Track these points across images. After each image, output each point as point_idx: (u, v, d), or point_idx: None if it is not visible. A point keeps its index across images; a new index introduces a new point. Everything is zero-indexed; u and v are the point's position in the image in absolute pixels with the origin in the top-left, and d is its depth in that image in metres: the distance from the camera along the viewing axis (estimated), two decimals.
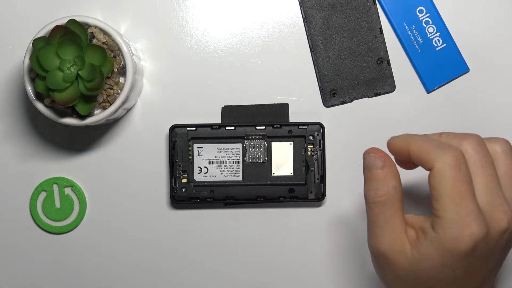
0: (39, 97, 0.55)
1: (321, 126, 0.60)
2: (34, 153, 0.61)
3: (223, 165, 0.60)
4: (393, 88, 0.61)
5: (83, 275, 0.62)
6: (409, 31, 0.61)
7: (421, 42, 0.61)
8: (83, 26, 0.53)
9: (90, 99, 0.54)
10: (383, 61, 0.61)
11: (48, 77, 0.52)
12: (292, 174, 0.60)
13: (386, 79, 0.61)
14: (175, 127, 0.60)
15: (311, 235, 0.62)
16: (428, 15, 0.61)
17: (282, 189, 0.60)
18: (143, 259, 0.62)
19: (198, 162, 0.60)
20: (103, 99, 0.55)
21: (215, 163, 0.60)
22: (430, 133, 0.48)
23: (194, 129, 0.60)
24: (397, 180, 0.46)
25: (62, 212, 0.61)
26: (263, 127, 0.60)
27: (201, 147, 0.60)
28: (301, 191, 0.60)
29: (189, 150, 0.60)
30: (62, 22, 0.54)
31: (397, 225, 0.46)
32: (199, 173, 0.60)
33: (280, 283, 0.62)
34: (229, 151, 0.60)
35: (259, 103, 0.61)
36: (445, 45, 0.61)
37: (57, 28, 0.52)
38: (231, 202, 0.60)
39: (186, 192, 0.60)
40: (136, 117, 0.61)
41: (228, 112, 0.61)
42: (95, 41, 0.55)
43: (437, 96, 0.61)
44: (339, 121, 0.61)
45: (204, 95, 0.61)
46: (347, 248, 0.62)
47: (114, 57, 0.55)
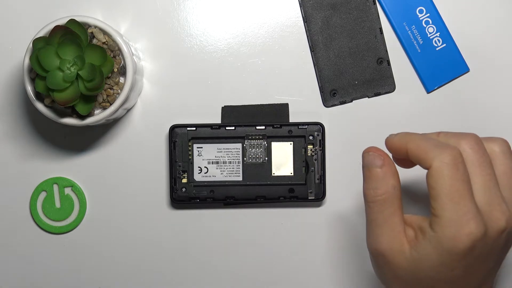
0: (39, 97, 0.55)
1: (321, 126, 0.60)
2: (34, 153, 0.61)
3: (223, 165, 0.60)
4: (393, 88, 0.61)
5: (83, 275, 0.62)
6: (409, 31, 0.61)
7: (421, 42, 0.61)
8: (83, 26, 0.53)
9: (90, 99, 0.54)
10: (383, 61, 0.61)
11: (48, 77, 0.52)
12: (292, 174, 0.60)
13: (386, 79, 0.61)
14: (175, 127, 0.60)
15: (311, 235, 0.62)
16: (428, 15, 0.61)
17: (282, 189, 0.60)
18: (143, 259, 0.62)
19: (198, 162, 0.60)
20: (103, 99, 0.55)
21: (215, 163, 0.60)
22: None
23: (194, 129, 0.60)
24: (396, 179, 0.46)
25: (62, 212, 0.61)
26: (263, 127, 0.60)
27: (201, 147, 0.60)
28: (301, 191, 0.60)
29: (189, 150, 0.60)
30: (62, 22, 0.54)
31: (396, 224, 0.46)
32: (199, 173, 0.60)
33: (280, 283, 0.62)
34: (229, 151, 0.60)
35: (259, 103, 0.61)
36: (445, 45, 0.61)
37: (57, 28, 0.52)
38: (231, 202, 0.60)
39: (186, 192, 0.60)
40: (136, 117, 0.61)
41: (228, 112, 0.61)
42: (95, 41, 0.55)
43: (437, 96, 0.61)
44: (339, 121, 0.61)
45: (204, 95, 0.61)
46: (347, 248, 0.62)
47: (114, 57, 0.55)
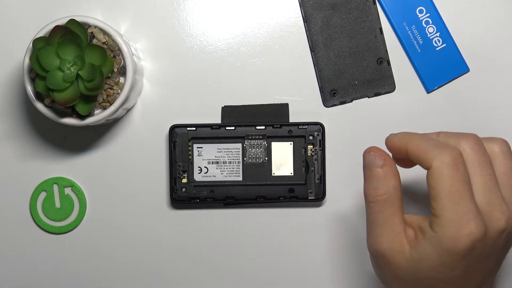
0: (39, 97, 0.55)
1: (321, 126, 0.60)
2: (34, 153, 0.61)
3: (223, 165, 0.60)
4: (393, 88, 0.61)
5: (83, 275, 0.62)
6: (409, 31, 0.61)
7: (421, 42, 0.61)
8: (83, 26, 0.53)
9: (90, 99, 0.54)
10: (383, 61, 0.61)
11: (48, 77, 0.52)
12: (292, 174, 0.60)
13: (386, 79, 0.61)
14: (175, 127, 0.60)
15: (311, 235, 0.62)
16: (428, 15, 0.61)
17: (282, 189, 0.60)
18: (143, 259, 0.62)
19: (198, 162, 0.60)
20: (103, 99, 0.55)
21: (215, 163, 0.60)
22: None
23: (194, 129, 0.60)
24: (397, 179, 0.46)
25: (62, 212, 0.61)
26: (263, 127, 0.60)
27: (201, 147, 0.60)
28: (301, 191, 0.60)
29: (189, 150, 0.60)
30: (62, 22, 0.54)
31: (397, 224, 0.46)
32: (199, 173, 0.60)
33: (280, 283, 0.62)
34: (229, 151, 0.60)
35: (259, 103, 0.61)
36: (445, 45, 0.61)
37: (57, 28, 0.52)
38: (231, 202, 0.60)
39: (186, 192, 0.60)
40: (136, 117, 0.61)
41: (228, 112, 0.61)
42: (95, 41, 0.55)
43: (437, 96, 0.61)
44: (339, 121, 0.61)
45: (204, 95, 0.61)
46: (347, 248, 0.62)
47: (114, 57, 0.55)
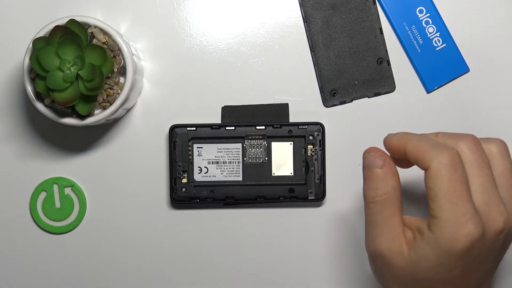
0: (39, 97, 0.55)
1: (321, 126, 0.60)
2: (34, 153, 0.61)
3: (223, 165, 0.60)
4: (393, 88, 0.61)
5: (83, 275, 0.62)
6: (409, 31, 0.61)
7: (421, 42, 0.61)
8: (83, 26, 0.53)
9: (90, 99, 0.54)
10: (383, 61, 0.61)
11: (48, 77, 0.52)
12: (292, 174, 0.60)
13: (386, 79, 0.61)
14: (175, 127, 0.60)
15: (311, 235, 0.62)
16: (428, 15, 0.61)
17: (282, 189, 0.60)
18: (143, 259, 0.62)
19: (198, 162, 0.60)
20: (103, 99, 0.55)
21: (215, 163, 0.60)
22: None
23: (194, 129, 0.60)
24: (397, 180, 0.46)
25: (62, 212, 0.61)
26: (263, 127, 0.60)
27: (201, 147, 0.60)
28: (301, 191, 0.60)
29: (189, 150, 0.60)
30: (62, 22, 0.54)
31: (396, 225, 0.46)
32: (199, 173, 0.60)
33: (280, 283, 0.62)
34: (229, 151, 0.60)
35: (259, 103, 0.61)
36: (445, 45, 0.61)
37: (57, 28, 0.52)
38: (231, 202, 0.60)
39: (186, 192, 0.60)
40: (136, 117, 0.61)
41: (228, 112, 0.61)
42: (95, 41, 0.55)
43: (437, 96, 0.61)
44: (339, 121, 0.61)
45: (204, 95, 0.61)
46: (347, 248, 0.62)
47: (114, 57, 0.55)
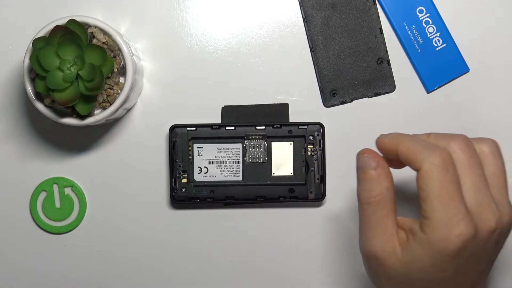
0: (39, 97, 0.55)
1: (321, 126, 0.60)
2: (34, 153, 0.61)
3: (223, 165, 0.60)
4: (393, 88, 0.61)
5: (83, 275, 0.62)
6: (409, 31, 0.61)
7: (421, 42, 0.61)
8: (83, 26, 0.53)
9: (90, 99, 0.54)
10: (383, 61, 0.61)
11: (48, 77, 0.52)
12: (292, 174, 0.60)
13: (386, 79, 0.61)
14: (175, 127, 0.60)
15: (311, 235, 0.62)
16: (428, 15, 0.61)
17: (282, 189, 0.60)
18: (143, 259, 0.62)
19: (198, 162, 0.60)
20: (103, 99, 0.55)
21: (215, 163, 0.60)
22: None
23: (194, 129, 0.60)
24: (390, 181, 0.46)
25: (62, 212, 0.61)
26: (263, 127, 0.60)
27: (201, 147, 0.60)
28: (301, 191, 0.60)
29: (189, 150, 0.60)
30: (62, 22, 0.54)
31: (389, 226, 0.46)
32: (199, 173, 0.60)
33: (280, 283, 0.62)
34: (229, 151, 0.60)
35: (259, 103, 0.61)
36: (445, 45, 0.61)
37: (57, 28, 0.52)
38: (231, 202, 0.60)
39: (186, 192, 0.60)
40: (136, 117, 0.61)
41: (228, 112, 0.61)
42: (95, 41, 0.55)
43: (437, 96, 0.61)
44: (339, 121, 0.61)
45: (204, 95, 0.61)
46: (347, 247, 0.62)
47: (114, 57, 0.55)
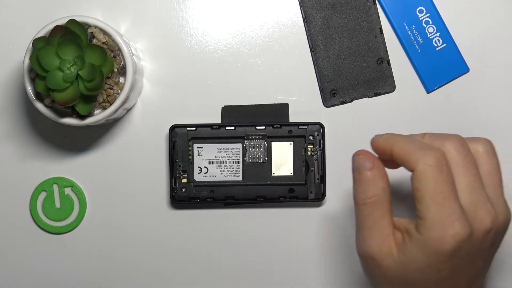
0: (39, 97, 0.55)
1: (321, 126, 0.60)
2: (34, 153, 0.61)
3: (223, 165, 0.60)
4: (393, 88, 0.61)
5: (83, 275, 0.62)
6: (409, 31, 0.61)
7: (421, 42, 0.61)
8: (83, 26, 0.53)
9: (90, 99, 0.54)
10: (383, 61, 0.61)
11: (48, 77, 0.52)
12: (292, 174, 0.60)
13: (386, 79, 0.61)
14: (175, 127, 0.60)
15: (311, 235, 0.62)
16: (428, 15, 0.61)
17: (282, 189, 0.60)
18: (143, 259, 0.62)
19: (198, 162, 0.60)
20: (103, 99, 0.55)
21: (215, 163, 0.60)
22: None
23: (194, 129, 0.60)
24: (386, 182, 0.46)
25: (62, 212, 0.61)
26: (263, 127, 0.60)
27: (201, 147, 0.60)
28: (301, 191, 0.60)
29: (189, 150, 0.60)
30: (62, 22, 0.54)
31: (386, 227, 0.46)
32: (199, 173, 0.60)
33: (280, 282, 0.62)
34: (229, 151, 0.60)
35: (259, 103, 0.61)
36: (445, 45, 0.61)
37: (57, 28, 0.52)
38: (231, 202, 0.60)
39: (186, 192, 0.60)
40: (136, 117, 0.61)
41: (228, 112, 0.61)
42: (95, 41, 0.55)
43: (437, 96, 0.61)
44: (339, 121, 0.61)
45: (204, 95, 0.61)
46: (347, 248, 0.62)
47: (114, 57, 0.55)
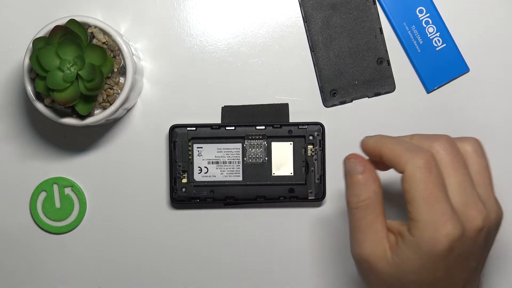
0: (39, 97, 0.55)
1: (321, 126, 0.60)
2: (34, 153, 0.61)
3: (223, 165, 0.60)
4: (393, 88, 0.61)
5: (83, 275, 0.62)
6: (409, 31, 0.61)
7: (421, 42, 0.61)
8: (83, 26, 0.53)
9: (90, 99, 0.54)
10: (383, 61, 0.61)
11: (48, 77, 0.52)
12: (292, 174, 0.60)
13: (386, 79, 0.61)
14: (175, 127, 0.60)
15: (311, 235, 0.62)
16: (428, 15, 0.61)
17: (282, 189, 0.60)
18: (143, 259, 0.62)
19: (198, 162, 0.60)
20: (103, 99, 0.55)
21: (215, 163, 0.60)
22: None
23: (194, 129, 0.60)
24: (378, 185, 0.46)
25: (62, 212, 0.61)
26: (263, 127, 0.60)
27: (201, 147, 0.60)
28: (301, 191, 0.60)
29: (189, 150, 0.60)
30: (62, 22, 0.54)
31: (379, 229, 0.46)
32: (199, 173, 0.60)
33: (280, 283, 0.62)
34: (229, 151, 0.60)
35: (259, 103, 0.61)
36: (445, 45, 0.61)
37: (57, 28, 0.52)
38: (231, 202, 0.60)
39: (186, 192, 0.60)
40: (136, 117, 0.61)
41: (228, 112, 0.61)
42: (95, 41, 0.55)
43: (437, 96, 0.61)
44: (339, 121, 0.61)
45: (204, 95, 0.61)
46: (347, 248, 0.61)
47: (114, 57, 0.55)
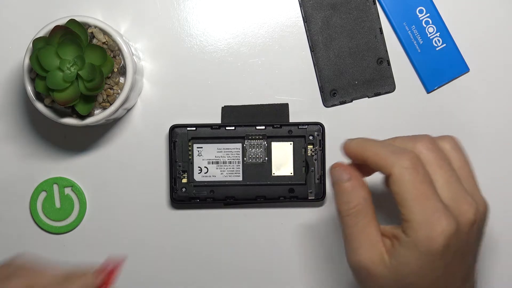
0: (39, 97, 0.55)
1: (321, 126, 0.60)
2: (34, 153, 0.61)
3: (223, 165, 0.60)
4: (393, 88, 0.61)
5: None
6: (409, 31, 0.61)
7: (421, 42, 0.61)
8: (83, 26, 0.53)
9: (90, 99, 0.54)
10: (383, 61, 0.61)
11: (48, 77, 0.52)
12: (292, 174, 0.60)
13: (386, 79, 0.61)
14: (175, 127, 0.60)
15: (311, 235, 0.62)
16: (428, 15, 0.61)
17: (282, 189, 0.60)
18: (143, 259, 0.62)
19: (198, 162, 0.60)
20: (103, 99, 0.55)
21: (215, 163, 0.60)
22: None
23: (194, 129, 0.60)
24: (366, 191, 0.46)
25: (62, 212, 0.61)
26: (263, 127, 0.60)
27: (201, 147, 0.60)
28: (301, 191, 0.60)
29: (189, 150, 0.60)
30: (62, 22, 0.54)
31: (373, 234, 0.46)
32: (199, 173, 0.60)
33: (280, 283, 0.62)
34: (229, 151, 0.60)
35: (259, 103, 0.61)
36: (445, 45, 0.61)
37: (57, 28, 0.52)
38: (231, 202, 0.60)
39: (186, 192, 0.60)
40: (136, 117, 0.61)
41: (228, 112, 0.61)
42: (95, 41, 0.55)
43: (437, 96, 0.61)
44: (339, 121, 0.61)
45: (204, 95, 0.61)
46: None
47: (114, 57, 0.55)
